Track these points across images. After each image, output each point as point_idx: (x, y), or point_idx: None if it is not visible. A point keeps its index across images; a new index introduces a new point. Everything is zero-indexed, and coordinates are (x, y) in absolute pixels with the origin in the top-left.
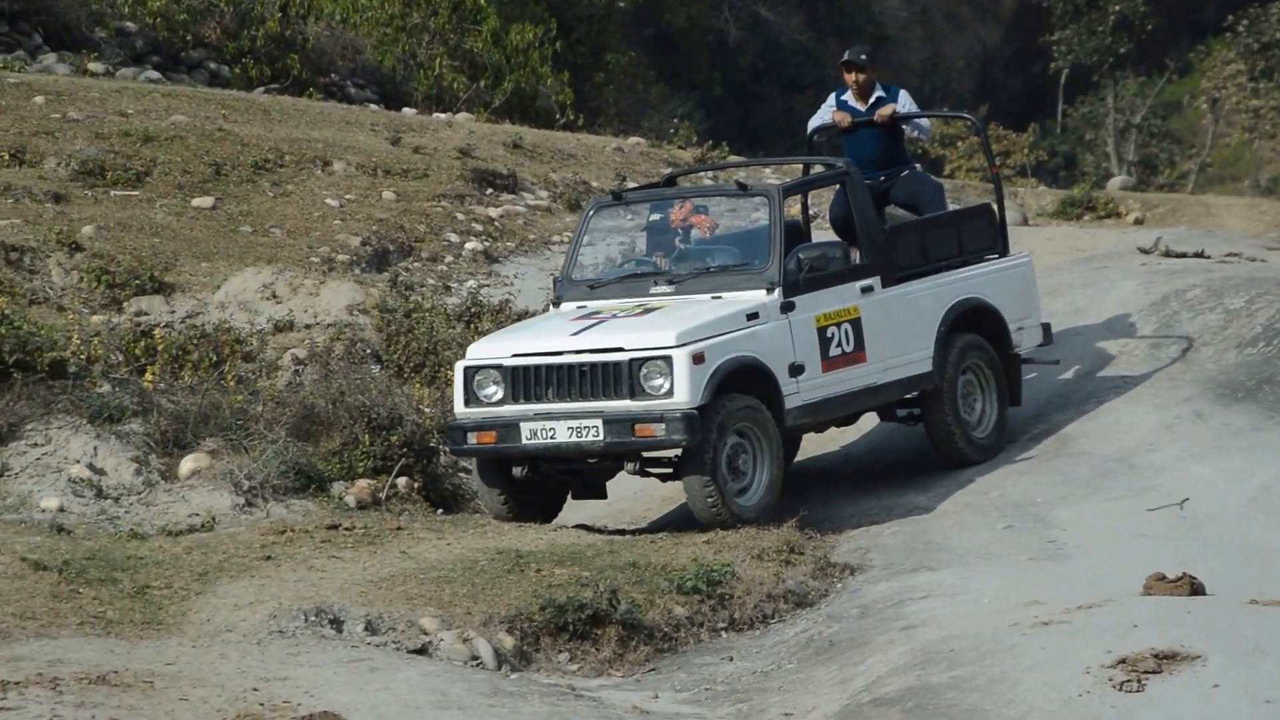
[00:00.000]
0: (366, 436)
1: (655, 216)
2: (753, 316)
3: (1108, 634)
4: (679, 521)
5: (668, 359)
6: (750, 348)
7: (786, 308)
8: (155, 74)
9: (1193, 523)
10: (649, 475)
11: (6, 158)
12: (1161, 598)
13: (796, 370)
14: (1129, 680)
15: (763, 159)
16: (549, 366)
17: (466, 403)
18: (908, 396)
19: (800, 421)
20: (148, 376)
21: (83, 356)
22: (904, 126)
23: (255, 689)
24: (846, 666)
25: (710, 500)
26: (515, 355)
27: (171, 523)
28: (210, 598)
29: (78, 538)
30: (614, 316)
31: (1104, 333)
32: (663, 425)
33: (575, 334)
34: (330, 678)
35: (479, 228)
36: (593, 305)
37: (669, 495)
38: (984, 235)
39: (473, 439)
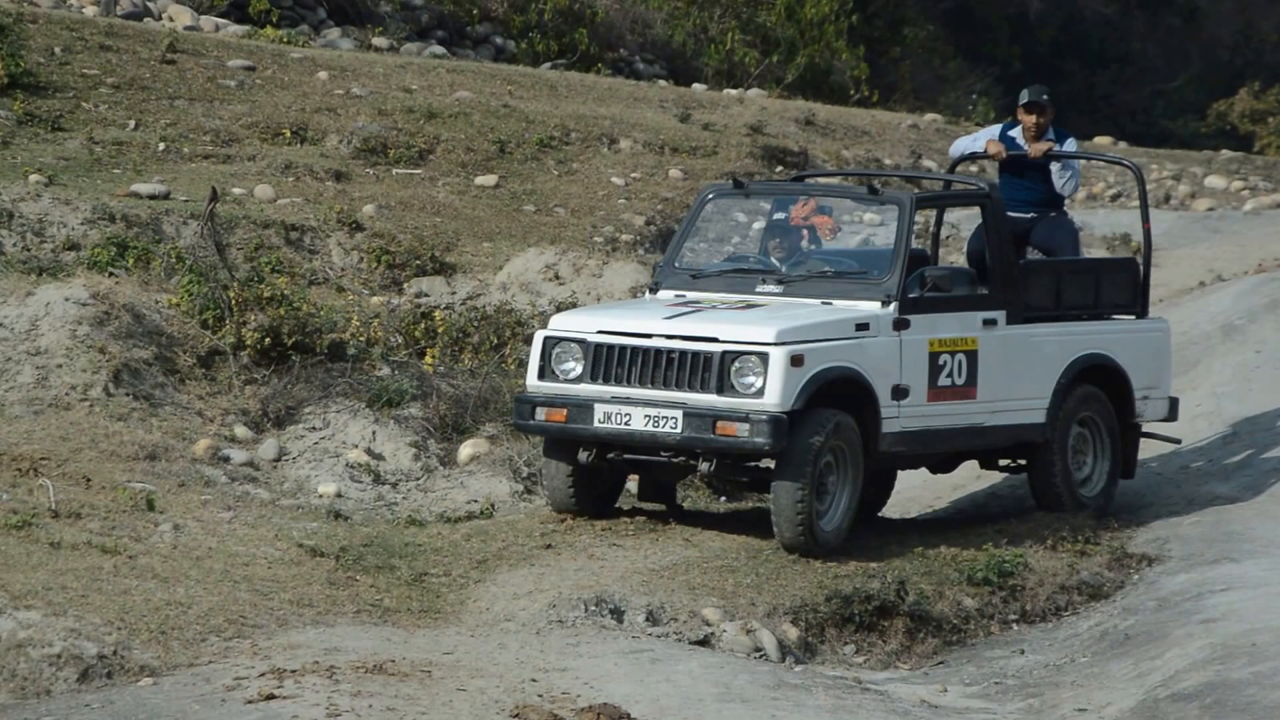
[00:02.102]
0: None
1: (780, 215)
2: (862, 327)
3: None
4: (969, 510)
5: (763, 356)
6: (854, 359)
7: (900, 324)
8: (440, 49)
9: None
10: (724, 481)
11: (288, 135)
12: None
13: (900, 393)
14: None
15: (903, 171)
16: (634, 349)
17: (541, 375)
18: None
19: (894, 449)
20: (427, 359)
21: (362, 338)
22: (1052, 171)
23: (534, 680)
24: (1143, 661)
25: (800, 516)
26: (600, 332)
27: (450, 509)
28: (489, 586)
29: (355, 524)
30: (713, 308)
31: None
32: (747, 426)
33: (668, 318)
34: (610, 669)
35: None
36: (693, 296)
37: (959, 484)
38: (1124, 291)
39: (541, 415)
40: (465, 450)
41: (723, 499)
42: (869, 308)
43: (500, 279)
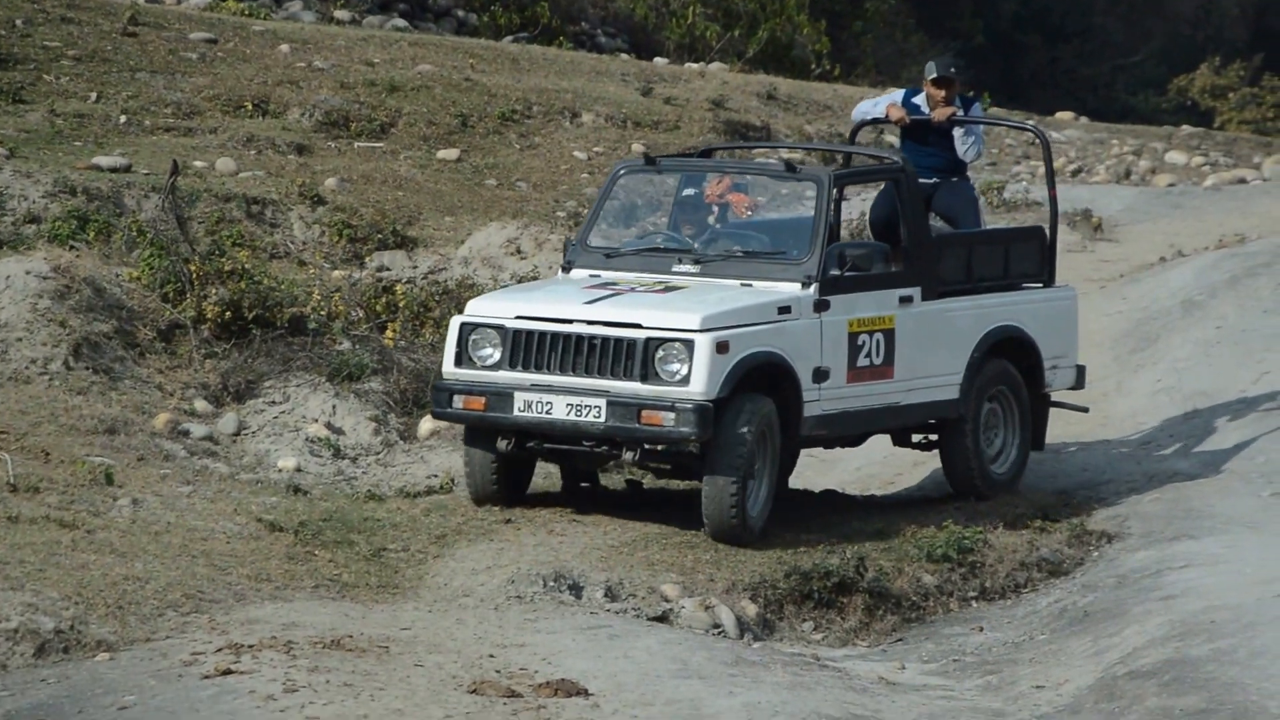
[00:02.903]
0: None
1: (689, 191)
2: (784, 310)
3: None
4: (929, 487)
5: (689, 343)
6: (777, 343)
7: (820, 306)
8: (402, 22)
9: None
10: (647, 469)
11: (250, 108)
12: None
13: (820, 376)
14: None
15: (810, 144)
16: (555, 334)
17: (458, 362)
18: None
19: (814, 433)
20: (388, 334)
21: (322, 312)
22: (955, 136)
23: (492, 655)
24: (1101, 638)
25: (733, 507)
26: (519, 317)
27: (409, 484)
28: (448, 561)
29: (314, 498)
30: (633, 290)
31: None
32: (673, 415)
33: (589, 303)
34: (568, 645)
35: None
36: (608, 276)
37: (920, 460)
38: (1031, 260)
39: (459, 403)
40: (425, 425)
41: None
42: (789, 289)
43: (462, 253)
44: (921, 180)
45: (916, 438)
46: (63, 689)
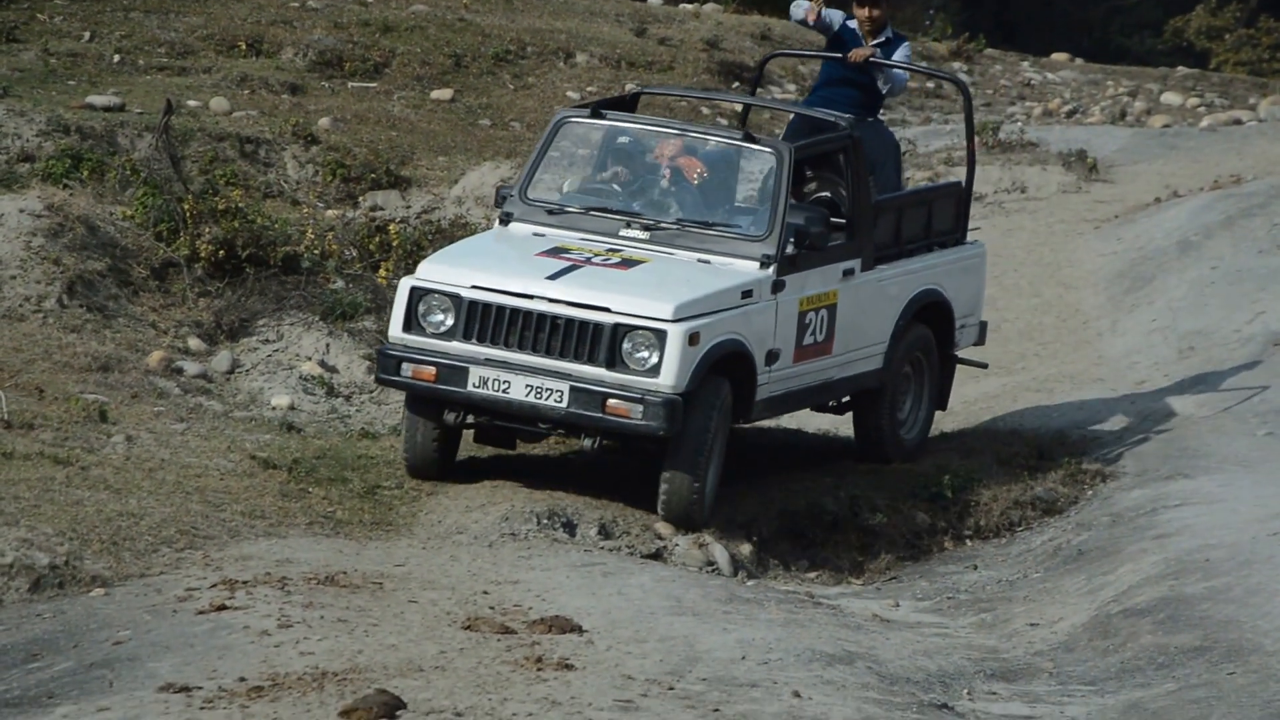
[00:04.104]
0: None
1: (622, 140)
2: (747, 294)
3: None
4: None
5: (661, 333)
6: (740, 330)
7: (777, 287)
8: None
9: None
10: (604, 450)
11: (244, 47)
12: None
13: (772, 358)
14: None
15: (754, 100)
16: (514, 310)
17: (406, 327)
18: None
19: (761, 416)
20: (381, 272)
21: (316, 251)
22: (877, 76)
23: (486, 592)
24: (1095, 576)
25: (694, 499)
26: (475, 287)
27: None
28: (441, 499)
29: (308, 436)
30: (589, 262)
31: None
32: (640, 407)
33: (551, 277)
34: (562, 582)
35: (724, 123)
36: (553, 235)
37: None
38: (948, 217)
39: (407, 371)
40: None
41: None
42: (748, 270)
43: (455, 193)
44: (838, 116)
45: (831, 402)
46: (58, 624)
